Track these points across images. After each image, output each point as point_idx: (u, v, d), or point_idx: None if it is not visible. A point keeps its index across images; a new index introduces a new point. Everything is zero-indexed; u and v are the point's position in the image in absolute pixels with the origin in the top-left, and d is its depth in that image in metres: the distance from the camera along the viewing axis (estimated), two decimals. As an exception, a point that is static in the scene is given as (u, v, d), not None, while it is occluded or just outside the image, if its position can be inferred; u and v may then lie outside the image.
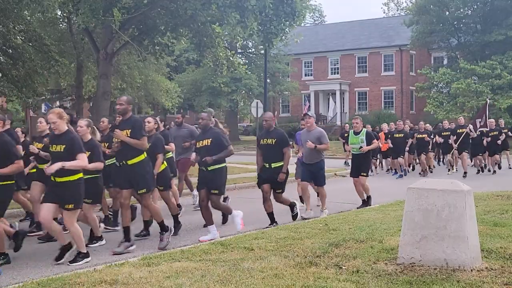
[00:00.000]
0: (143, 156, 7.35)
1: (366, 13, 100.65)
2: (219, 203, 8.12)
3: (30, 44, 20.15)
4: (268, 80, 31.48)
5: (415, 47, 40.32)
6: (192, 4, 15.95)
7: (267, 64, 21.20)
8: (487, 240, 6.01)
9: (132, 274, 5.22)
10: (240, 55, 43.08)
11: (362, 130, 10.93)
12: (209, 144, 7.90)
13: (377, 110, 41.69)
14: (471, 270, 4.86)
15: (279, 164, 8.72)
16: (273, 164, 8.74)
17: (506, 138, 18.99)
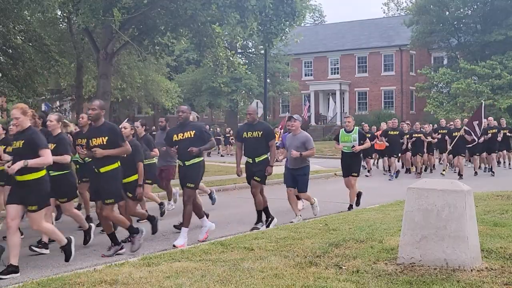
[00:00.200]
0: (117, 165, 6.97)
1: (366, 13, 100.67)
2: (194, 197, 7.80)
3: (30, 44, 20.16)
4: (268, 80, 31.51)
5: (415, 47, 40.33)
6: (192, 4, 15.95)
7: (267, 64, 21.22)
8: (487, 240, 6.00)
9: (132, 274, 5.21)
10: (240, 55, 43.10)
11: (354, 129, 10.69)
12: (192, 136, 7.62)
13: (377, 110, 41.69)
14: (471, 270, 4.86)
15: (263, 157, 8.54)
16: (257, 159, 8.51)
17: (508, 138, 18.88)
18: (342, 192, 13.89)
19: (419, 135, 17.79)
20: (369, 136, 18.53)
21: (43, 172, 6.26)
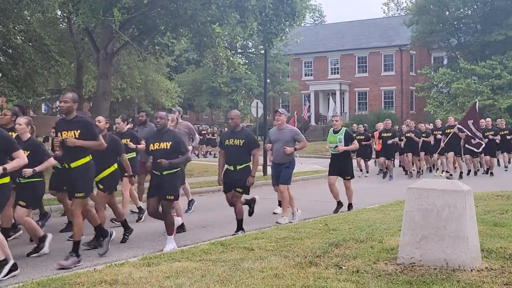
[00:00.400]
0: (88, 159, 6.70)
1: (366, 13, 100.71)
2: (171, 208, 7.50)
3: (30, 44, 20.15)
4: (268, 80, 31.46)
5: (415, 47, 40.33)
6: (192, 4, 15.94)
7: (267, 64, 21.17)
8: (487, 240, 6.01)
9: (132, 274, 5.22)
10: (240, 55, 43.11)
11: (341, 129, 10.42)
12: (168, 147, 7.24)
13: (377, 110, 41.70)
14: (471, 270, 4.86)
15: (245, 165, 8.17)
16: (238, 166, 8.15)
17: (509, 140, 18.54)
18: (342, 192, 13.88)
19: (411, 134, 17.43)
20: (362, 138, 18.48)
21: (5, 179, 6.06)
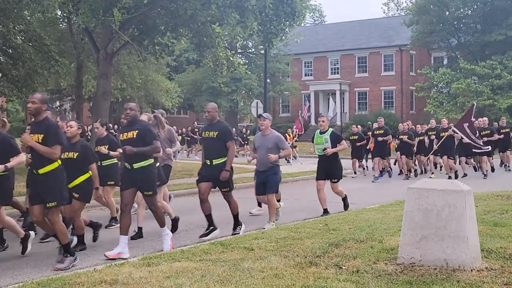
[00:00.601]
0: (57, 164, 6.37)
1: (366, 13, 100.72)
2: (157, 206, 7.22)
3: (30, 44, 20.14)
4: (268, 80, 31.51)
5: (415, 47, 40.33)
6: (192, 4, 15.95)
7: (267, 64, 21.22)
8: (487, 240, 6.01)
9: (132, 274, 5.22)
10: (240, 55, 43.12)
11: (328, 130, 10.03)
12: (134, 136, 6.98)
13: (377, 110, 41.68)
14: (471, 270, 4.86)
15: (221, 160, 7.83)
16: (214, 161, 7.84)
17: (509, 139, 18.37)
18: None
19: (404, 136, 17.16)
20: (356, 138, 18.39)
21: None
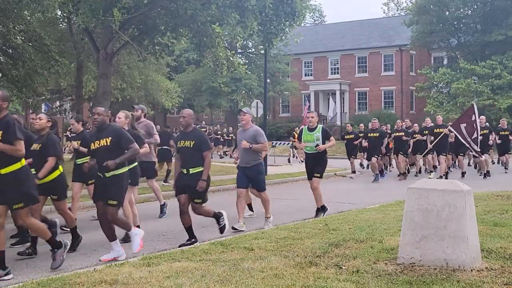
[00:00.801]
0: (20, 165, 6.07)
1: (366, 13, 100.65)
2: (116, 216, 6.79)
3: (30, 44, 20.14)
4: (268, 80, 31.50)
5: (415, 47, 40.34)
6: (192, 4, 15.95)
7: (267, 64, 21.17)
8: (487, 240, 6.01)
9: (132, 274, 5.22)
10: (240, 55, 43.14)
11: (317, 127, 9.77)
12: (108, 144, 6.67)
13: (377, 110, 41.71)
14: (471, 270, 4.86)
15: (198, 169, 7.53)
16: (191, 170, 7.53)
17: (509, 142, 18.22)
18: (342, 192, 13.91)
19: (400, 134, 17.04)
20: (352, 137, 18.43)
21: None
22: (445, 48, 40.14)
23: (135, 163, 8.13)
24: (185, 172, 7.58)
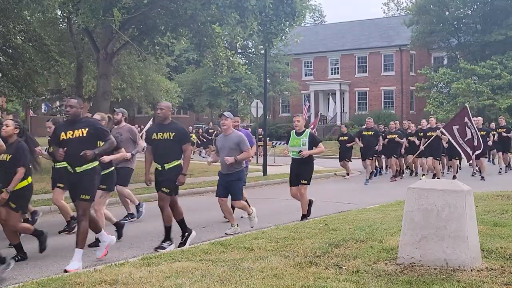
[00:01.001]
0: None
1: (366, 13, 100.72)
2: (89, 212, 6.51)
3: (30, 44, 20.16)
4: (268, 80, 31.50)
5: (415, 47, 40.35)
6: (192, 4, 15.95)
7: (267, 64, 21.17)
8: (487, 240, 6.01)
9: (132, 274, 5.21)
10: (240, 55, 43.15)
11: (305, 131, 9.28)
12: (85, 134, 6.32)
13: (377, 110, 41.70)
14: (471, 270, 4.86)
15: (175, 163, 7.26)
16: (166, 165, 7.23)
17: (509, 139, 18.17)
18: (342, 192, 13.92)
19: (393, 136, 16.89)
20: (346, 138, 18.25)
21: None
22: (445, 48, 40.15)
23: (112, 167, 7.82)
24: (160, 168, 7.30)
